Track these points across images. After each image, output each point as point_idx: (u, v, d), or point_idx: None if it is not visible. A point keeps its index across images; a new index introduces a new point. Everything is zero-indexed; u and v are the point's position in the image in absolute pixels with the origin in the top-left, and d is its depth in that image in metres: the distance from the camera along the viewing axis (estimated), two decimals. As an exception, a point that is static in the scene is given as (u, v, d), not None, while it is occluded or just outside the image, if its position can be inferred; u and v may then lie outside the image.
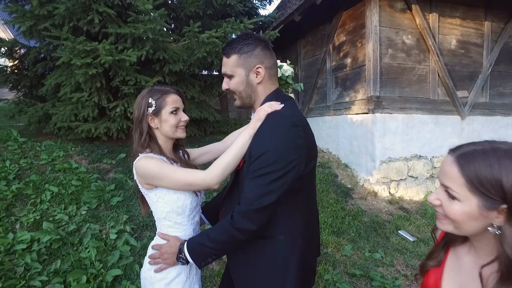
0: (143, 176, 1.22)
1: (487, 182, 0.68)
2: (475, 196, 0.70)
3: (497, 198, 0.68)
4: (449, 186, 0.74)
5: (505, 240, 0.68)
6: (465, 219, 0.72)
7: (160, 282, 1.25)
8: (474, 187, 0.70)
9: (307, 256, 1.24)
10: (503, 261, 0.68)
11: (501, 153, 0.70)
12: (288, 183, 1.07)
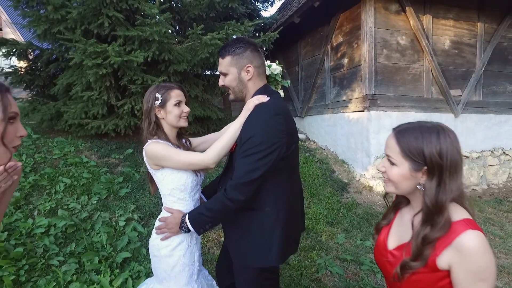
0: (152, 158, 1.45)
1: (414, 150, 0.90)
2: (407, 161, 0.92)
3: (421, 162, 0.90)
4: (390, 154, 0.96)
5: (426, 193, 0.90)
6: (401, 179, 0.94)
7: (166, 248, 1.49)
8: (406, 154, 0.92)
9: (290, 227, 1.46)
10: (424, 209, 0.90)
11: (424, 129, 0.92)
12: (271, 162, 1.30)
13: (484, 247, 0.86)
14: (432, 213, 0.89)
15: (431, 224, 0.89)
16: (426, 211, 0.90)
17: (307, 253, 3.08)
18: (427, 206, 0.89)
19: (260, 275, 1.45)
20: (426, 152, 0.89)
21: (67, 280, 2.49)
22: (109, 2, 3.78)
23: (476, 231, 0.87)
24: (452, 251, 0.87)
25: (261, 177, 1.29)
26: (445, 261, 0.89)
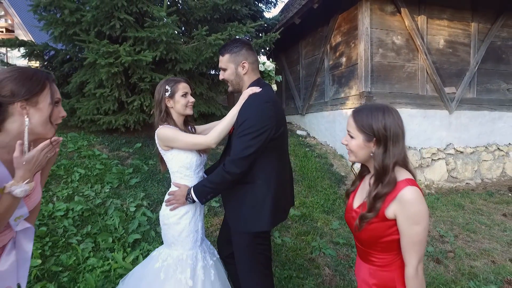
0: (162, 140, 1.72)
1: (366, 125, 1.16)
2: (361, 134, 1.18)
3: (371, 134, 1.15)
4: (349, 130, 1.21)
5: (375, 158, 1.16)
6: (358, 149, 1.20)
7: (174, 217, 1.76)
8: (360, 129, 1.17)
9: (279, 198, 1.72)
10: (375, 171, 1.16)
11: (374, 109, 1.17)
12: (262, 141, 1.56)
13: (419, 198, 1.11)
14: (380, 174, 1.14)
15: (381, 182, 1.15)
16: (376, 173, 1.16)
17: (302, 237, 3.34)
18: (376, 169, 1.15)
19: (253, 240, 1.71)
20: (374, 127, 1.14)
21: (85, 256, 2.78)
22: (121, 5, 4.07)
23: (414, 187, 1.12)
24: (396, 203, 1.13)
25: (254, 154, 1.56)
26: (392, 211, 1.14)
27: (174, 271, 1.73)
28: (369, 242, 1.24)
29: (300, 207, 3.94)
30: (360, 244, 1.30)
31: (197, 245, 1.82)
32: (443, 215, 4.08)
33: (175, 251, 1.78)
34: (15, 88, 1.15)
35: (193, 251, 1.79)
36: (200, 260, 1.81)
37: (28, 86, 1.17)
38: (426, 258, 3.09)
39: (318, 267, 2.88)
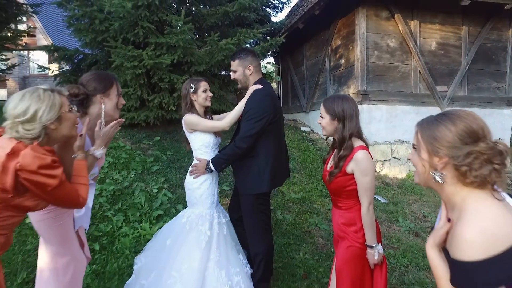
0: (188, 124, 2.28)
1: (330, 108, 1.68)
2: (328, 115, 1.70)
3: (334, 115, 1.68)
4: (321, 112, 1.74)
5: (337, 131, 1.68)
6: (326, 125, 1.72)
7: (196, 183, 2.31)
8: (327, 111, 1.70)
9: (276, 169, 2.26)
10: (337, 140, 1.69)
11: (337, 97, 1.70)
12: (262, 125, 2.10)
13: (368, 158, 1.63)
14: (341, 142, 1.67)
15: (342, 148, 1.67)
16: (338, 142, 1.69)
17: (301, 214, 3.86)
18: (338, 139, 1.68)
19: (256, 200, 2.26)
20: (336, 109, 1.67)
21: (118, 225, 3.36)
22: (144, 15, 4.67)
23: (364, 150, 1.64)
24: (353, 162, 1.65)
25: (256, 133, 2.10)
26: (350, 168, 1.66)
27: (196, 224, 2.28)
28: (337, 192, 1.76)
29: (300, 192, 4.46)
30: (332, 194, 1.83)
31: (213, 206, 2.37)
32: (429, 200, 4.54)
33: (197, 209, 2.33)
34: (97, 85, 1.73)
35: (210, 210, 2.34)
36: (216, 218, 2.36)
37: (104, 84, 1.75)
38: (407, 232, 3.58)
39: (313, 238, 3.40)
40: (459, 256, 0.92)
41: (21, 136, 1.24)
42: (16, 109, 1.23)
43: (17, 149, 1.20)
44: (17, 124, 1.23)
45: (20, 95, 1.27)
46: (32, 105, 1.24)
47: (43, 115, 1.25)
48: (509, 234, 0.89)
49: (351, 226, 1.75)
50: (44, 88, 1.32)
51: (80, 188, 1.43)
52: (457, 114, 1.03)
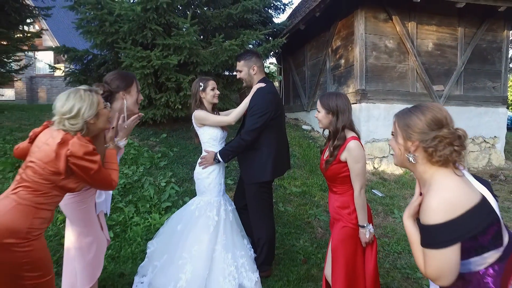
0: (198, 119, 2.50)
1: (325, 104, 1.90)
2: (323, 109, 1.91)
3: (328, 109, 1.89)
4: (317, 107, 1.95)
5: (331, 124, 1.89)
6: (322, 119, 1.94)
7: (205, 173, 2.52)
8: (323, 106, 1.91)
9: (277, 160, 2.48)
10: (332, 132, 1.90)
11: (332, 94, 1.91)
12: (265, 120, 2.32)
13: (359, 147, 1.84)
14: (335, 134, 1.88)
15: (336, 139, 1.88)
16: (333, 133, 1.90)
17: (301, 206, 4.08)
18: (333, 130, 1.89)
19: (259, 189, 2.48)
20: (330, 105, 1.88)
21: (130, 216, 3.59)
22: (152, 18, 4.90)
23: (356, 140, 1.85)
24: (346, 151, 1.86)
25: (259, 128, 2.32)
26: (344, 156, 1.87)
27: (205, 210, 2.50)
28: (332, 178, 1.97)
29: (301, 186, 4.67)
30: (328, 180, 2.04)
31: (220, 194, 2.59)
32: (424, 195, 4.74)
33: (206, 197, 2.55)
34: (119, 84, 1.95)
35: (218, 198, 2.56)
36: (223, 205, 2.57)
37: (126, 82, 1.98)
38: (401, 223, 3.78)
39: (312, 227, 3.62)
40: (425, 221, 1.14)
41: (67, 129, 1.48)
42: (63, 108, 1.48)
43: (66, 139, 1.44)
44: (64, 119, 1.48)
45: (65, 96, 1.51)
46: (76, 104, 1.48)
47: (84, 112, 1.50)
48: (464, 202, 1.11)
49: (345, 208, 1.96)
50: (84, 88, 1.56)
51: (112, 173, 1.66)
52: (426, 106, 1.25)
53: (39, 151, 1.47)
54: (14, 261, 1.35)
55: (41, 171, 1.44)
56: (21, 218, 1.39)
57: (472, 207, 1.13)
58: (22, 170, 1.48)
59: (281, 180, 4.73)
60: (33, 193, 1.44)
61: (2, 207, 1.38)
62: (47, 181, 1.46)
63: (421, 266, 1.21)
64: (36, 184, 1.44)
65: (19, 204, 1.40)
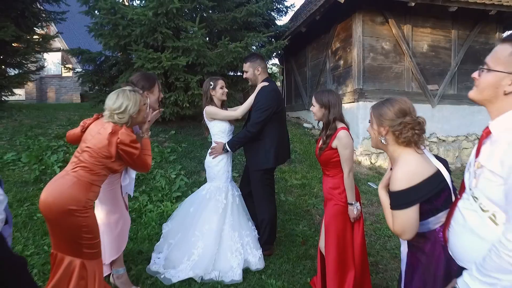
0: (208, 114, 2.84)
1: (319, 100, 2.23)
2: (317, 104, 2.25)
3: (322, 104, 2.22)
4: (312, 102, 2.29)
5: (324, 116, 2.22)
6: (316, 112, 2.27)
7: (215, 161, 2.86)
8: (317, 102, 2.25)
9: (279, 149, 2.82)
10: (324, 123, 2.23)
11: (324, 91, 2.25)
12: (268, 114, 2.66)
13: (347, 135, 2.17)
14: (327, 125, 2.21)
15: (328, 129, 2.21)
16: (325, 124, 2.23)
17: (301, 197, 4.40)
18: (325, 122, 2.22)
19: (263, 175, 2.81)
20: (323, 100, 2.21)
21: (144, 204, 3.93)
22: (162, 22, 5.25)
23: (345, 130, 2.18)
24: (336, 139, 2.19)
25: (264, 121, 2.66)
26: (334, 144, 2.20)
27: (215, 194, 2.84)
28: (325, 163, 2.30)
29: (302, 179, 5.00)
30: (322, 165, 2.37)
31: (228, 180, 2.92)
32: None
33: (215, 183, 2.89)
34: (144, 84, 2.30)
35: (226, 183, 2.89)
36: (230, 190, 2.91)
37: (149, 83, 2.32)
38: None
39: (311, 215, 3.95)
40: (392, 188, 1.47)
41: (116, 121, 1.84)
42: (114, 105, 1.85)
43: (116, 130, 1.81)
44: (114, 114, 1.84)
45: (115, 95, 1.87)
46: (124, 102, 1.84)
47: (130, 108, 1.87)
48: (422, 173, 1.44)
49: (336, 189, 2.29)
50: (129, 89, 1.92)
51: (147, 158, 2.02)
52: (395, 99, 1.58)
53: (93, 139, 1.84)
54: (76, 224, 1.71)
55: (96, 155, 1.81)
56: (81, 191, 1.75)
57: (428, 177, 1.46)
58: (79, 153, 1.85)
59: (283, 173, 5.06)
60: (89, 172, 1.80)
61: (66, 182, 1.74)
62: (100, 163, 1.83)
63: (390, 225, 1.54)
64: (92, 165, 1.81)
65: (79, 180, 1.76)
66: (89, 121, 1.97)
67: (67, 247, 1.76)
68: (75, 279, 1.75)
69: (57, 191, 1.72)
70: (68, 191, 1.72)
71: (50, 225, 1.76)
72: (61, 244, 1.76)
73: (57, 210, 1.68)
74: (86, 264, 1.80)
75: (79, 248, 1.76)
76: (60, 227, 1.72)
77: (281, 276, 2.74)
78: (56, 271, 1.77)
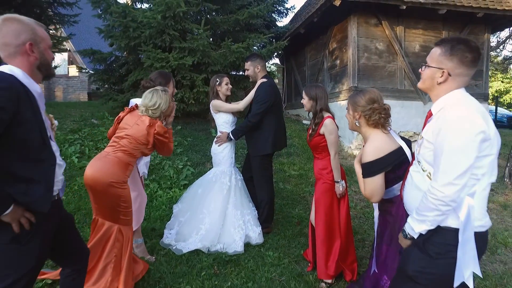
0: (214, 106, 3.23)
1: (308, 93, 2.61)
2: (307, 96, 2.63)
3: (310, 97, 2.60)
4: (303, 96, 2.67)
5: (312, 107, 2.61)
6: (306, 104, 2.65)
7: (220, 148, 3.25)
8: (307, 95, 2.63)
9: (277, 137, 3.21)
10: (312, 113, 2.62)
11: (313, 86, 2.63)
12: (266, 106, 3.05)
13: (332, 123, 2.55)
14: (315, 115, 2.59)
15: (316, 118, 2.59)
16: (313, 114, 2.61)
17: (298, 185, 4.79)
18: (313, 112, 2.60)
19: (263, 160, 3.20)
20: (311, 93, 2.59)
21: (154, 190, 4.32)
22: (170, 24, 5.65)
23: (330, 119, 2.56)
24: (323, 126, 2.56)
25: (263, 112, 3.05)
26: (322, 130, 2.58)
27: (220, 177, 3.23)
28: (314, 147, 2.68)
29: (299, 170, 5.38)
30: (312, 149, 2.75)
31: (232, 165, 3.31)
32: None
33: (220, 167, 3.28)
34: (161, 80, 2.70)
35: (230, 168, 3.28)
36: (233, 174, 3.30)
37: (166, 79, 2.73)
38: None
39: (306, 201, 4.33)
40: (363, 160, 1.85)
41: (150, 115, 2.26)
42: (150, 102, 2.28)
43: (153, 123, 2.23)
44: (149, 109, 2.26)
45: (151, 94, 2.31)
46: (158, 100, 2.27)
47: (162, 106, 2.29)
48: (386, 148, 1.83)
49: (325, 169, 2.67)
50: (161, 89, 2.35)
51: (171, 145, 2.45)
52: (366, 90, 1.96)
53: (131, 129, 2.27)
54: (116, 194, 2.13)
55: (134, 142, 2.24)
56: (121, 169, 2.17)
57: (391, 151, 1.84)
58: (118, 139, 2.26)
59: (282, 165, 5.45)
60: (128, 155, 2.22)
61: (109, 161, 2.17)
62: (137, 148, 2.26)
63: (362, 190, 1.92)
64: (130, 149, 2.23)
65: (120, 161, 2.18)
66: (123, 114, 2.41)
67: (108, 214, 2.17)
68: (112, 240, 2.16)
69: (102, 168, 2.14)
70: (111, 169, 2.13)
71: (94, 195, 2.17)
72: (102, 211, 2.17)
73: (102, 183, 2.09)
74: (122, 230, 2.20)
75: (117, 215, 2.18)
76: (104, 196, 2.13)
77: (277, 249, 3.12)
78: (96, 234, 2.18)
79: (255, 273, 2.73)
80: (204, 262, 2.82)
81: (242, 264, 2.84)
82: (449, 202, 1.32)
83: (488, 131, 1.31)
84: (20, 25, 1.44)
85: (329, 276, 2.59)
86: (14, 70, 1.41)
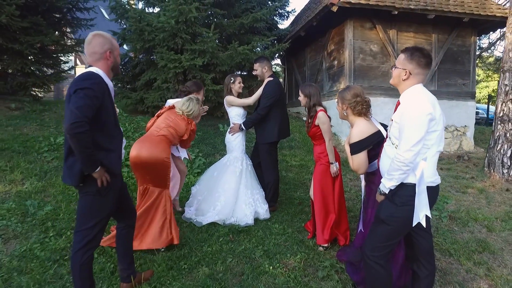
0: (228, 101, 3.78)
1: (303, 91, 3.17)
2: (302, 94, 3.18)
3: (305, 95, 3.15)
4: (300, 94, 3.22)
5: (306, 103, 3.15)
6: (302, 100, 3.20)
7: (233, 137, 3.80)
8: (302, 93, 3.18)
9: (281, 127, 3.77)
10: (307, 108, 3.17)
11: (307, 85, 3.19)
12: (272, 100, 3.62)
13: (324, 115, 3.09)
14: (309, 109, 3.14)
15: (310, 112, 3.14)
16: (308, 109, 3.16)
17: (299, 174, 5.34)
18: (308, 107, 3.15)
19: (269, 147, 3.76)
20: (306, 91, 3.13)
21: (172, 177, 4.86)
22: (182, 29, 6.19)
23: (322, 112, 3.11)
24: (317, 118, 3.11)
25: (270, 105, 3.61)
26: (316, 122, 3.11)
27: (233, 162, 3.78)
28: (313, 136, 3.23)
29: (300, 161, 5.93)
30: (311, 138, 3.30)
31: (243, 152, 3.86)
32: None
33: (233, 153, 3.83)
34: (195, 88, 3.35)
35: (241, 154, 3.84)
36: (245, 160, 3.85)
37: (198, 87, 3.38)
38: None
39: (306, 185, 4.88)
40: (350, 141, 2.41)
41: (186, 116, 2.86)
42: (187, 109, 2.98)
43: (190, 122, 2.89)
44: (184, 113, 2.93)
45: (188, 102, 3.02)
46: (193, 108, 3.00)
47: (195, 112, 2.96)
48: (368, 131, 2.39)
49: (322, 153, 3.22)
50: (195, 98, 3.05)
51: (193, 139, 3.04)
52: (352, 86, 2.53)
53: (173, 122, 2.93)
54: (166, 166, 2.79)
55: (174, 132, 2.90)
56: (167, 148, 2.82)
57: (372, 133, 2.40)
58: (159, 129, 2.89)
59: (284, 156, 6.00)
60: (169, 139, 2.86)
61: (156, 141, 2.81)
62: (176, 137, 2.92)
63: (351, 165, 2.47)
64: (171, 136, 2.90)
65: (165, 140, 2.81)
66: (162, 111, 3.09)
67: (159, 182, 2.84)
68: (164, 201, 2.84)
69: (154, 147, 2.78)
70: (161, 146, 2.81)
71: (144, 171, 2.78)
72: (154, 180, 2.82)
73: (155, 159, 2.74)
74: (168, 193, 2.90)
75: (166, 181, 2.87)
76: (156, 170, 2.78)
77: (282, 223, 3.67)
78: (147, 200, 2.84)
79: (264, 239, 3.29)
80: (221, 231, 3.37)
81: (253, 233, 3.39)
82: (408, 163, 1.87)
83: (434, 113, 1.87)
84: (103, 39, 1.99)
85: (325, 241, 3.14)
86: (99, 71, 1.96)
